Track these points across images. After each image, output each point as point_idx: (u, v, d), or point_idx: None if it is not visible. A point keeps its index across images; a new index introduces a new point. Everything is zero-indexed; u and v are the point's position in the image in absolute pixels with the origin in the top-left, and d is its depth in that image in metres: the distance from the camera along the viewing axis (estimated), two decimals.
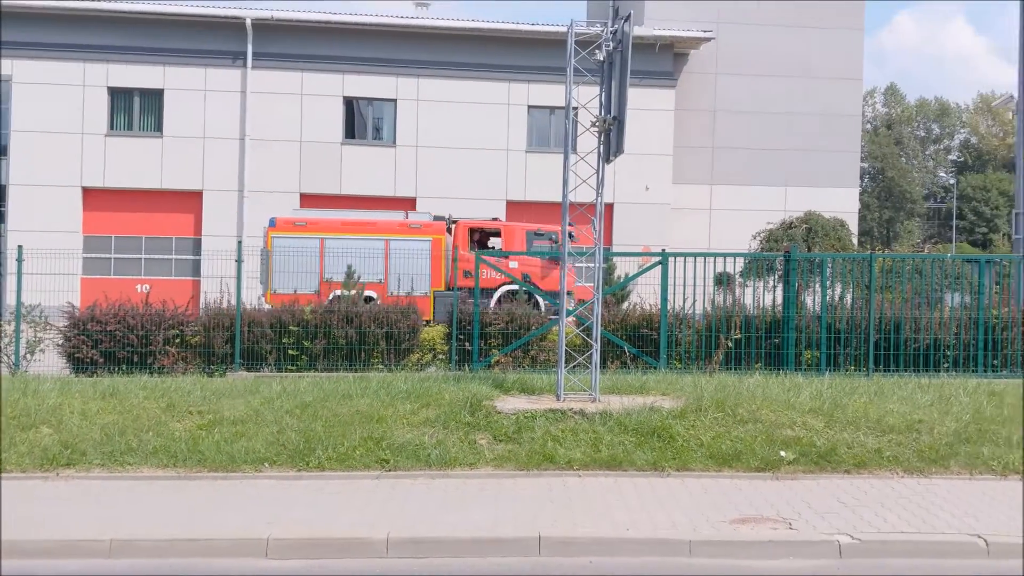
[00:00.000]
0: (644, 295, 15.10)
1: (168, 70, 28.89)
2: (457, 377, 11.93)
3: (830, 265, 14.50)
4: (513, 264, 21.83)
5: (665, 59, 31.28)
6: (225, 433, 9.55)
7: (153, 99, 29.26)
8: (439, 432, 9.56)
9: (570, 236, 25.01)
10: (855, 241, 22.45)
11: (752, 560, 6.94)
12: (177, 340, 13.66)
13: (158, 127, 29.20)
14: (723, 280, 14.88)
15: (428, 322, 21.96)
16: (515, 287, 20.07)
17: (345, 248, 20.29)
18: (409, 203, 30.28)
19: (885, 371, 13.57)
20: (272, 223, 23.24)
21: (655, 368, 13.56)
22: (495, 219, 24.85)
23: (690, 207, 31.00)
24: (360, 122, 31.35)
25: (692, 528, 7.34)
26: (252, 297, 16.63)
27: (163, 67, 28.86)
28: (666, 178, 31.06)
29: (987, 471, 9.10)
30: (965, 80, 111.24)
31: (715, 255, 15.08)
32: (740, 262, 16.28)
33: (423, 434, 9.51)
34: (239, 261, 14.75)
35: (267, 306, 16.31)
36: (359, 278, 16.00)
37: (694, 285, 14.01)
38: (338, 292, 18.25)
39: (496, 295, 21.40)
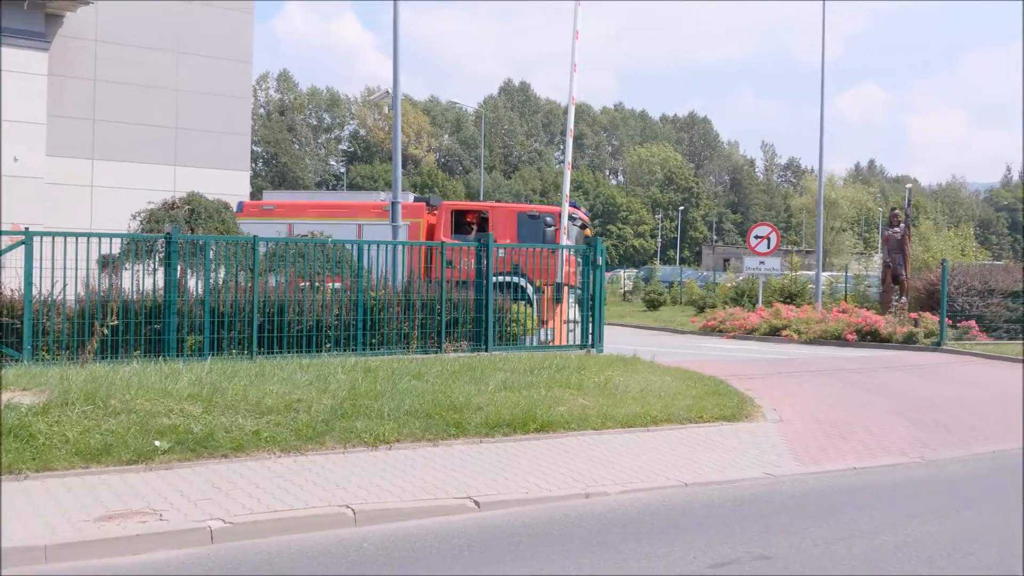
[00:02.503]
0: (8, 280, 13.72)
1: None
2: None
3: (214, 248, 14.56)
4: (500, 252, 19.18)
5: (36, 18, 28.73)
6: None
7: None
8: None
9: (571, 219, 22.82)
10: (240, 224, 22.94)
11: (117, 557, 6.65)
12: None
13: None
14: (109, 262, 14.16)
15: None
16: (505, 279, 18.34)
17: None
18: None
19: (269, 353, 14.03)
20: (239, 208, 21.22)
21: (19, 360, 12.41)
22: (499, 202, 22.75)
23: (69, 182, 29.00)
24: None
25: (50, 532, 6.81)
26: None
27: None
28: (39, 149, 28.61)
29: (360, 444, 9.83)
30: (354, 73, 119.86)
31: (89, 235, 14.22)
32: (119, 243, 15.57)
33: None
34: None
35: None
36: None
37: (64, 268, 13.11)
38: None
39: None
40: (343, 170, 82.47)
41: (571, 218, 22.05)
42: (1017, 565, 6.81)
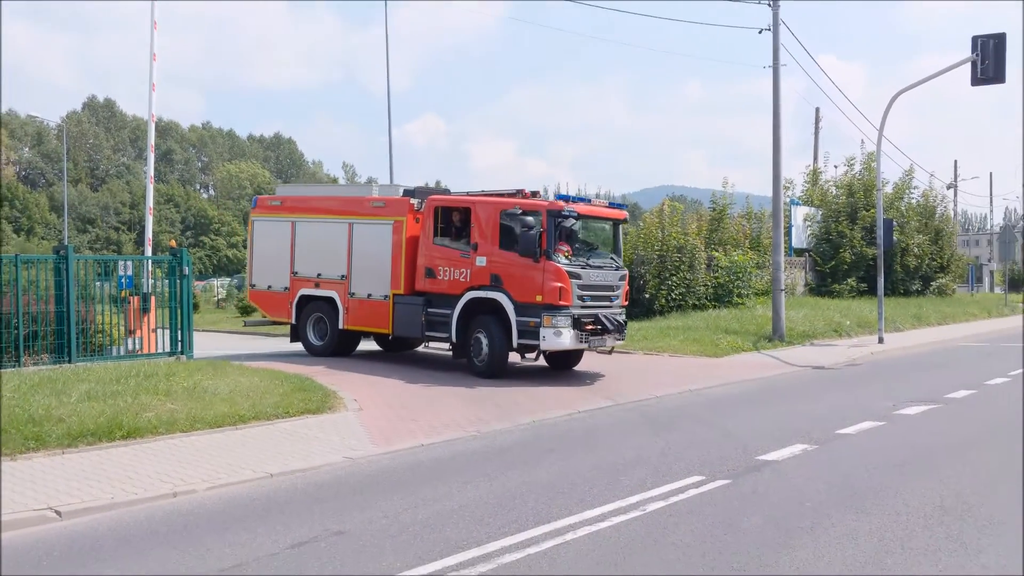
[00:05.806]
0: None
1: None
2: None
3: None
4: (480, 260, 15.01)
5: None
6: None
7: None
8: None
9: (560, 215, 15.14)
10: None
11: None
12: None
13: None
14: None
15: (389, 339, 17.20)
16: (482, 294, 14.83)
17: (312, 234, 17.30)
18: None
19: None
20: (254, 203, 19.53)
21: None
22: (486, 193, 16.08)
23: None
24: None
25: None
26: None
27: None
28: None
29: None
30: None
31: None
32: None
33: None
34: None
35: None
36: None
37: None
38: (307, 291, 17.01)
39: (459, 305, 15.15)
40: None
41: (560, 215, 14.79)
42: (552, 511, 7.63)
